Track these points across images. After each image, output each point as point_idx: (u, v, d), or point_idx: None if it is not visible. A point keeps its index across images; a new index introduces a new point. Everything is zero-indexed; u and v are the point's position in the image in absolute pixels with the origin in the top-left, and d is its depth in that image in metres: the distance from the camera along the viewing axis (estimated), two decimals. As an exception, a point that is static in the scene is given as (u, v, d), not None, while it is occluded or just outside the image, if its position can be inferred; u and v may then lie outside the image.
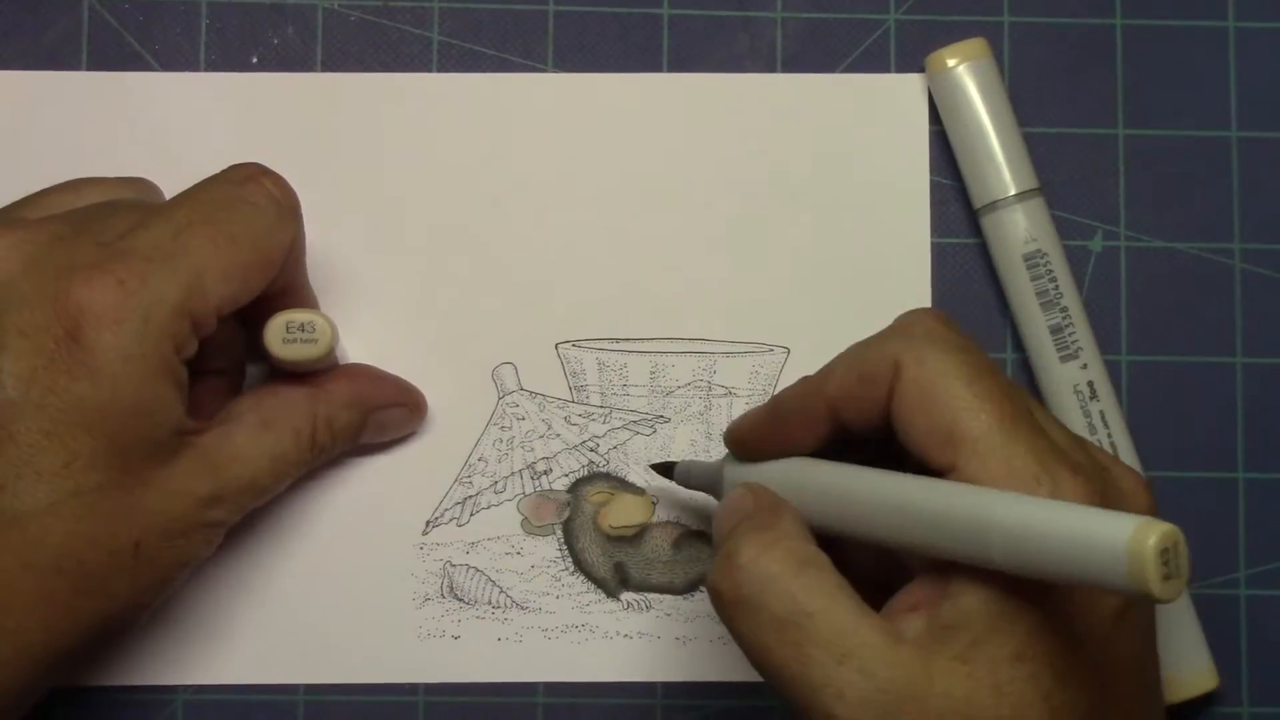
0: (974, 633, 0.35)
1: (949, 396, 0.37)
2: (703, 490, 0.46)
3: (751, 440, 0.42)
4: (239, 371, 0.48)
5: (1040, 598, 0.35)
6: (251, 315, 0.45)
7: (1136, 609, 0.37)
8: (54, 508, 0.39)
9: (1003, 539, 0.33)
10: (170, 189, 0.50)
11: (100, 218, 0.42)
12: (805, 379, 0.41)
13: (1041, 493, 0.35)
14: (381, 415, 0.48)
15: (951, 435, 0.36)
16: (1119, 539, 0.31)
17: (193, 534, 0.42)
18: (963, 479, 0.36)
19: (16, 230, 0.41)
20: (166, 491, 0.41)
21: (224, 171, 0.44)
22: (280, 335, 0.44)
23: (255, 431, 0.44)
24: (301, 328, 0.44)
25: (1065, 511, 0.33)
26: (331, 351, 0.45)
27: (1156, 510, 0.38)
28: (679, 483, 0.47)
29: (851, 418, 0.39)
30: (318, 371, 0.46)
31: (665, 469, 0.48)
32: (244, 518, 0.48)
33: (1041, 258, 0.49)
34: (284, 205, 0.44)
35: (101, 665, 0.48)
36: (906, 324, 0.39)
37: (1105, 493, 0.36)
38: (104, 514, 0.40)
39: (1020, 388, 0.39)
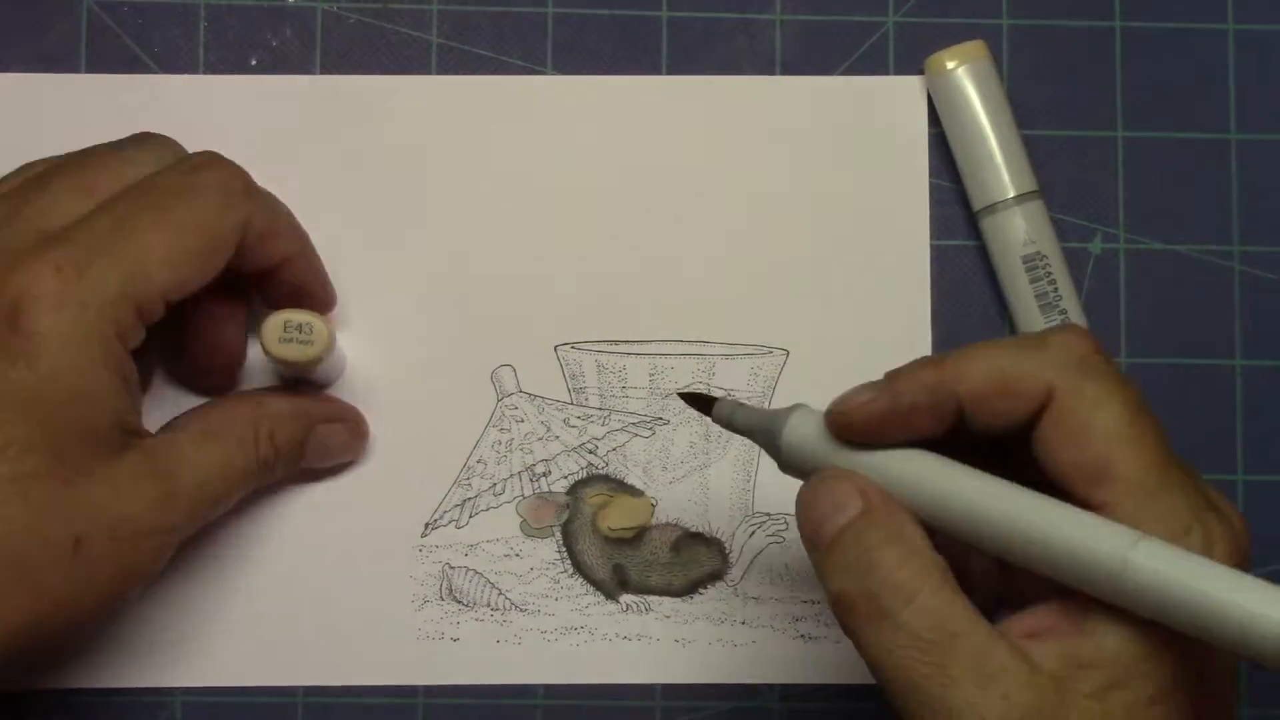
0: (1112, 673, 0.35)
1: (1106, 434, 0.36)
2: (750, 437, 0.42)
3: (864, 424, 0.38)
4: (232, 373, 0.48)
5: (1179, 640, 0.34)
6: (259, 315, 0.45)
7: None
8: None
9: (1147, 587, 0.33)
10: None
11: (44, 204, 0.42)
12: (928, 364, 0.38)
13: (1192, 543, 0.35)
14: (323, 433, 0.47)
15: (1105, 473, 0.36)
16: (1276, 619, 0.31)
17: (142, 539, 0.41)
18: (1111, 518, 0.36)
19: None
20: (113, 488, 0.40)
21: (175, 161, 0.44)
22: (277, 334, 0.45)
23: (200, 439, 0.44)
24: (299, 329, 0.44)
25: (1218, 575, 0.33)
26: (325, 356, 0.45)
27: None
28: (718, 421, 0.42)
29: (979, 421, 0.38)
30: (304, 380, 0.47)
31: (699, 402, 0.43)
32: (244, 519, 0.48)
33: (1041, 260, 0.49)
34: (232, 187, 0.43)
35: (99, 667, 0.48)
36: (1062, 345, 0.38)
37: (1240, 544, 0.36)
38: (40, 503, 0.38)
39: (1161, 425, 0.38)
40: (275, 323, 0.44)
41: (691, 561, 0.50)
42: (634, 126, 0.51)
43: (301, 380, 0.48)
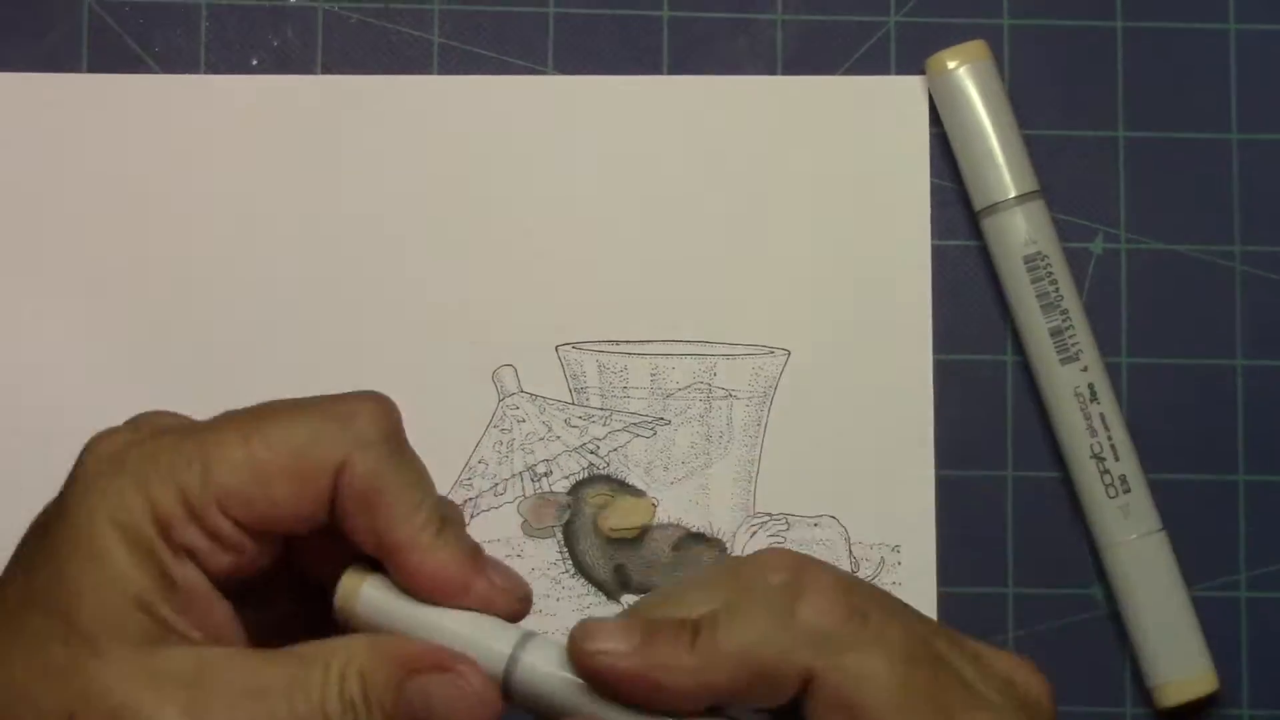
0: None
1: (878, 708, 0.34)
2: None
3: (615, 682, 0.34)
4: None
5: None
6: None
7: None
8: None
9: None
10: (170, 190, 0.50)
11: None
12: (680, 628, 0.34)
13: None
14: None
15: None
16: None
17: None
18: None
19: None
20: (122, 674, 0.34)
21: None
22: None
23: (252, 675, 0.35)
24: None
25: None
26: None
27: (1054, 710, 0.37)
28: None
29: (743, 709, 0.35)
30: None
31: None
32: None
33: (1042, 260, 0.49)
34: (357, 423, 0.36)
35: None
36: (810, 625, 0.34)
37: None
38: (39, 666, 0.34)
39: (929, 640, 0.36)
40: (348, 582, 0.36)
41: (693, 562, 0.50)
42: (635, 126, 0.51)
43: None
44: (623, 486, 0.50)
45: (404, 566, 0.35)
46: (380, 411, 0.36)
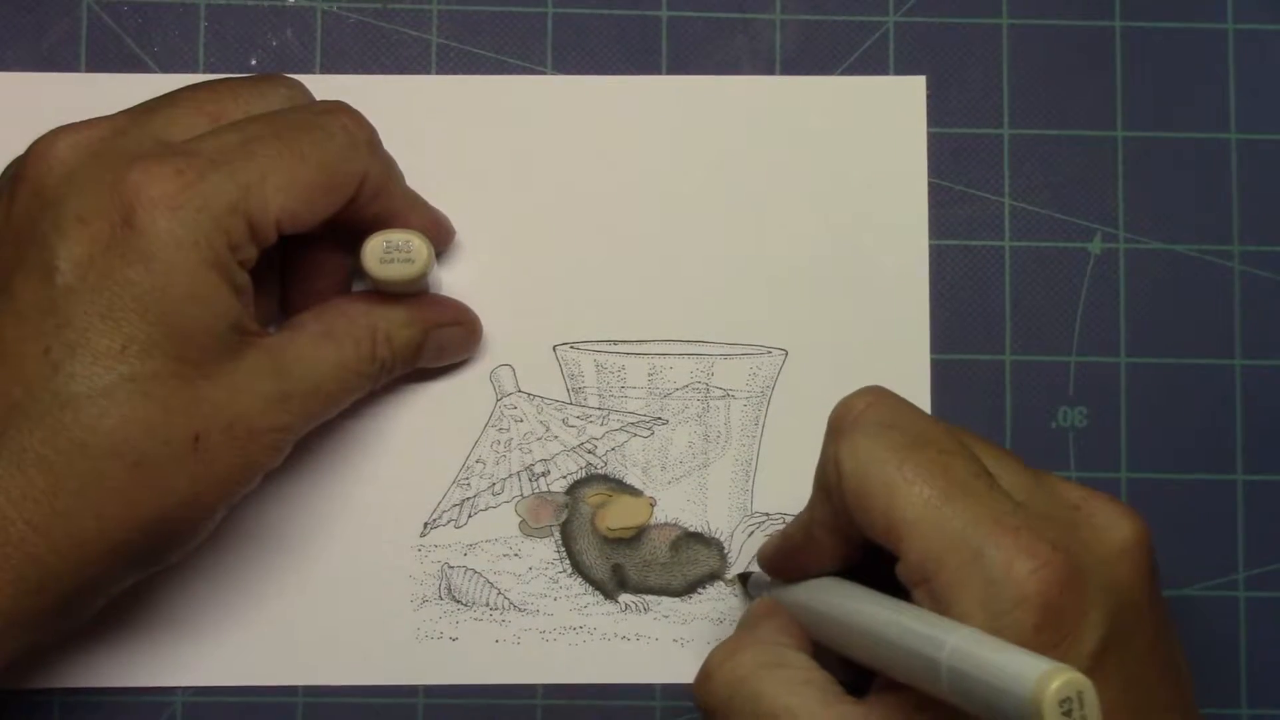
0: (936, 713, 0.35)
1: (882, 483, 0.36)
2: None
3: (772, 568, 0.44)
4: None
5: None
6: (355, 241, 0.46)
7: (1114, 653, 0.36)
8: (109, 390, 0.39)
9: (947, 680, 0.33)
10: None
11: (168, 119, 0.43)
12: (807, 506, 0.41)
13: (988, 566, 0.35)
14: (440, 335, 0.48)
15: (891, 523, 0.36)
16: (1025, 684, 0.31)
17: (257, 436, 0.42)
18: (908, 567, 0.36)
19: (81, 128, 0.42)
20: (230, 387, 0.41)
21: (305, 103, 0.45)
22: (378, 255, 0.45)
23: (317, 339, 0.44)
24: (399, 248, 0.45)
25: (996, 649, 0.32)
26: (427, 272, 0.45)
27: (1147, 535, 0.37)
28: (751, 593, 0.48)
29: (851, 534, 0.39)
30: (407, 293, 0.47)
31: (745, 579, 0.49)
32: (243, 518, 0.48)
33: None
34: (358, 138, 0.44)
35: (101, 666, 0.48)
36: (838, 416, 0.39)
37: (1069, 540, 0.36)
38: (160, 402, 0.40)
39: (966, 446, 0.38)
40: (374, 244, 0.45)
41: (690, 561, 0.50)
42: (634, 126, 0.51)
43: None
44: (620, 486, 0.50)
45: (400, 224, 0.46)
46: (365, 120, 0.45)
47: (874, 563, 0.39)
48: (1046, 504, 0.37)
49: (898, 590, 0.37)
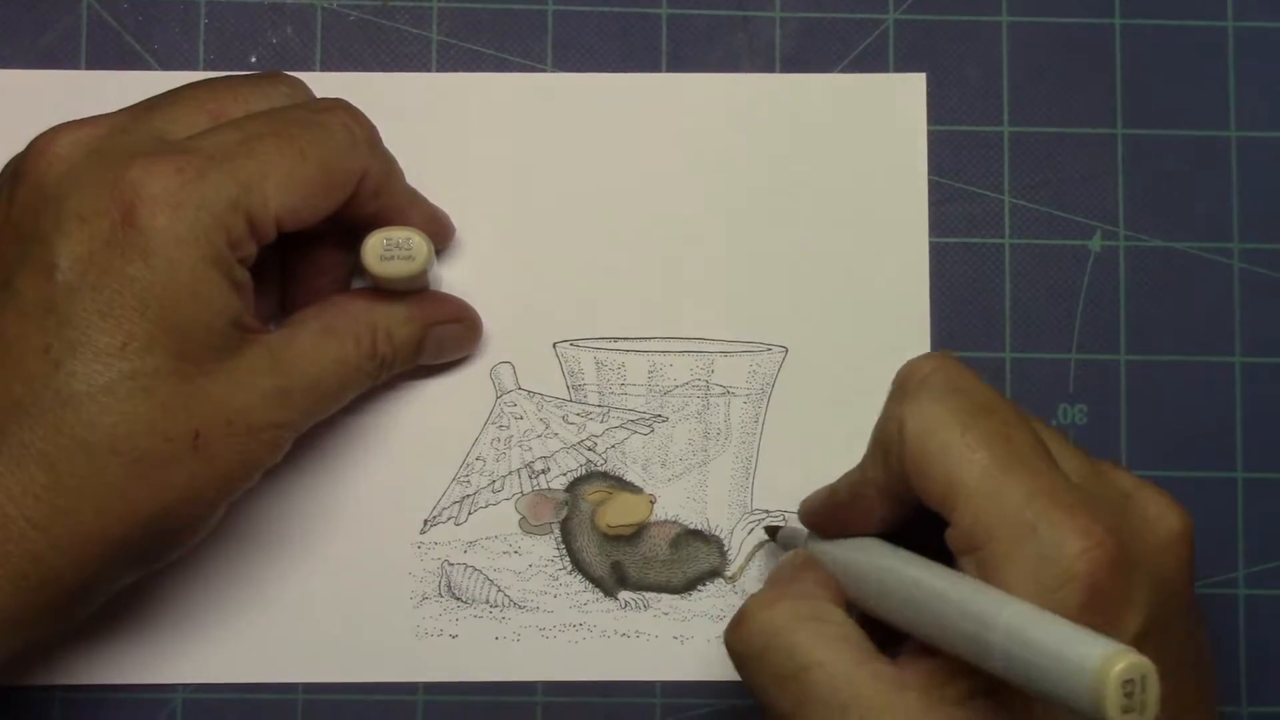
0: (972, 679, 0.35)
1: (942, 447, 0.36)
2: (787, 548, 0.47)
3: (813, 522, 0.43)
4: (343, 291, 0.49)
5: None
6: (354, 238, 0.46)
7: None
8: (109, 388, 0.39)
9: (1003, 651, 0.33)
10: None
11: (168, 117, 0.43)
12: (860, 463, 0.41)
13: (1040, 544, 0.35)
14: (440, 332, 0.48)
15: (949, 491, 0.36)
16: (1088, 664, 0.30)
17: (257, 432, 0.42)
18: (959, 533, 0.36)
19: (81, 126, 0.42)
20: (230, 384, 0.41)
21: (305, 101, 0.46)
22: (378, 253, 0.45)
23: (318, 336, 0.44)
24: (399, 245, 0.45)
25: (1054, 627, 0.32)
26: (427, 269, 0.45)
27: (1192, 528, 0.38)
28: (782, 546, 0.48)
29: (902, 495, 0.39)
30: (408, 290, 0.47)
31: (773, 532, 0.48)
32: (243, 515, 0.48)
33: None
34: (358, 135, 0.44)
35: (101, 663, 0.48)
36: (904, 376, 0.39)
37: (1120, 526, 0.36)
38: (161, 398, 0.40)
39: (1028, 421, 0.38)
40: (375, 241, 0.45)
41: (690, 558, 0.50)
42: (633, 124, 0.51)
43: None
44: (620, 483, 0.50)
45: (400, 221, 0.46)
46: (365, 118, 0.45)
47: (916, 529, 0.39)
48: (1101, 488, 0.38)
49: (939, 558, 0.37)
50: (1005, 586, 0.35)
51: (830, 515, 0.42)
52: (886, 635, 0.39)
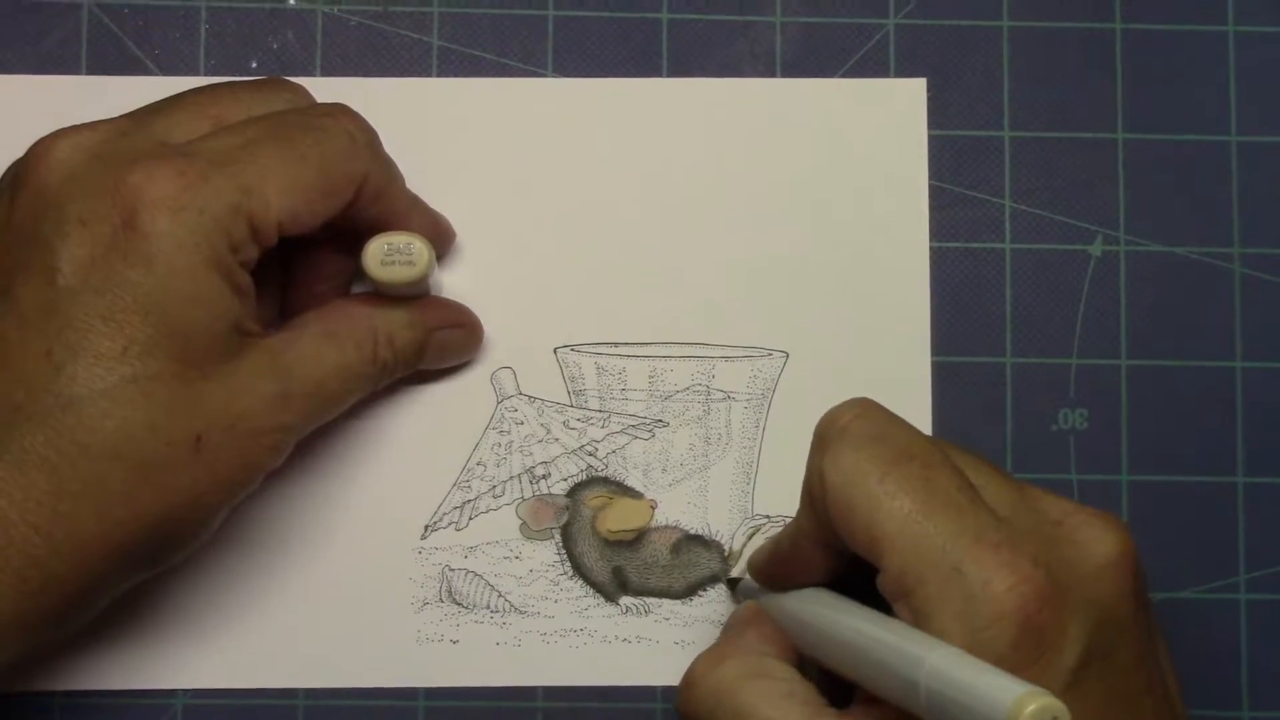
0: None
1: (864, 496, 0.36)
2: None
3: (761, 576, 0.44)
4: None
5: None
6: (355, 243, 0.46)
7: (1095, 665, 0.36)
8: (110, 392, 0.39)
9: (926, 695, 0.33)
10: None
11: (170, 122, 0.43)
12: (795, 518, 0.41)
13: (967, 583, 0.35)
14: (441, 337, 0.48)
15: (872, 537, 0.36)
16: (1000, 708, 0.31)
17: (259, 437, 0.42)
18: (888, 580, 0.36)
19: (82, 130, 0.42)
20: (231, 388, 0.41)
21: (307, 105, 0.46)
22: (379, 258, 0.45)
23: (319, 340, 0.44)
24: (400, 250, 0.45)
25: (973, 670, 0.32)
26: (428, 275, 0.46)
27: (1131, 549, 0.37)
28: (740, 598, 0.48)
29: (836, 546, 0.39)
30: (409, 295, 0.47)
31: (733, 585, 0.49)
32: (244, 520, 0.48)
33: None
34: (358, 140, 0.44)
35: (101, 668, 0.48)
36: (824, 426, 0.39)
37: (1050, 556, 0.36)
38: (162, 403, 0.40)
39: (949, 460, 0.38)
40: (376, 246, 0.45)
41: (691, 564, 0.50)
42: (634, 129, 0.51)
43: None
44: (621, 488, 0.50)
45: (400, 226, 0.46)
46: (366, 123, 0.45)
47: (860, 575, 0.39)
48: (1029, 519, 0.37)
49: (883, 603, 0.37)
50: (937, 630, 0.35)
51: (776, 568, 0.43)
52: (837, 687, 0.39)
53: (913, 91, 0.52)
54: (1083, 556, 0.37)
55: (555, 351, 0.50)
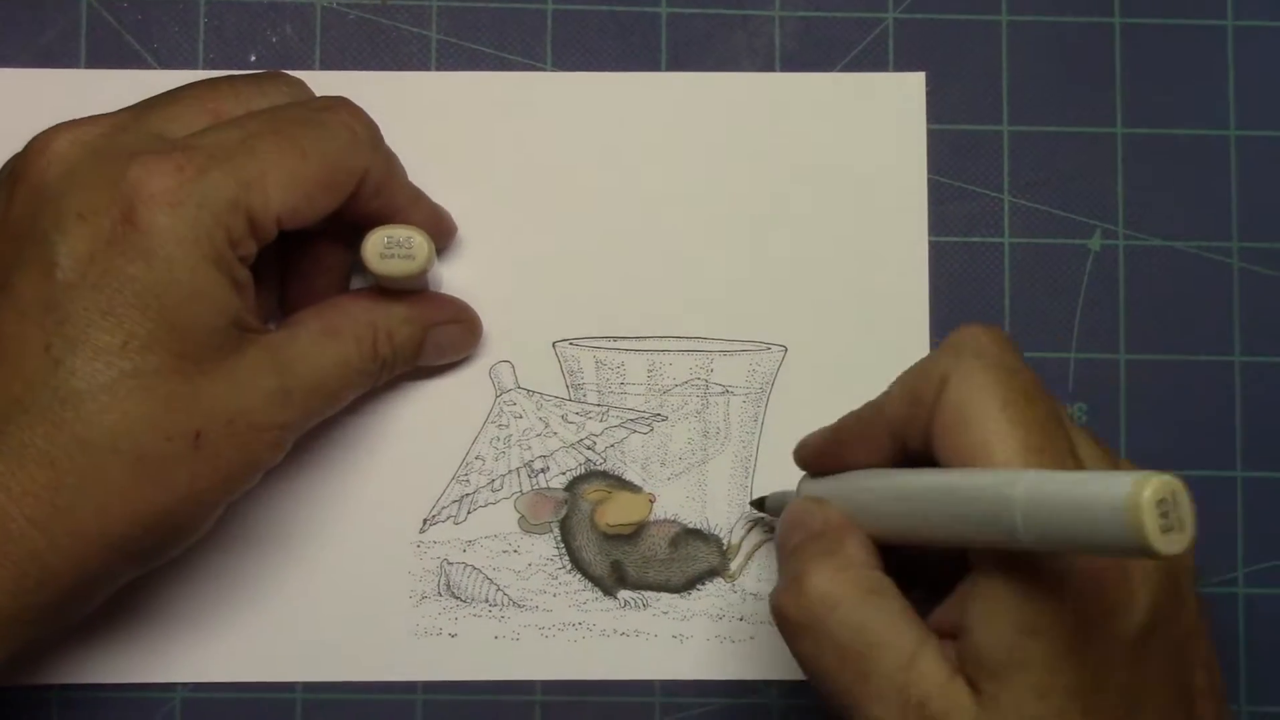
0: (992, 669, 0.35)
1: (982, 418, 0.36)
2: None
3: (814, 460, 0.43)
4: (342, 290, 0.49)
5: (1055, 627, 0.35)
6: (356, 237, 0.46)
7: (1161, 629, 0.36)
8: (110, 387, 0.39)
9: (1023, 515, 0.32)
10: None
11: (169, 116, 0.43)
12: (872, 400, 0.41)
13: None
14: (440, 333, 0.48)
15: (976, 454, 0.36)
16: (1118, 495, 0.30)
17: (258, 432, 0.42)
18: None
19: (81, 125, 0.42)
20: (231, 383, 0.41)
21: (307, 99, 0.46)
22: (379, 250, 0.45)
23: (319, 336, 0.44)
24: (400, 243, 0.45)
25: (1077, 478, 0.32)
26: (428, 268, 0.45)
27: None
28: (770, 513, 0.48)
29: (911, 441, 0.39)
30: (408, 290, 0.47)
31: (760, 504, 0.48)
32: (243, 514, 0.48)
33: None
34: (359, 134, 0.44)
35: (100, 662, 0.48)
36: (958, 339, 0.39)
37: None
38: (161, 398, 0.40)
39: (1061, 414, 0.38)
40: (376, 239, 0.45)
41: (689, 558, 0.50)
42: (633, 123, 0.51)
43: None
44: (620, 482, 0.50)
45: (402, 220, 0.46)
46: (366, 116, 0.45)
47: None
48: None
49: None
50: None
51: (832, 452, 0.42)
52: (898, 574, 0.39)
53: (911, 86, 0.51)
54: None
55: (554, 345, 0.50)
